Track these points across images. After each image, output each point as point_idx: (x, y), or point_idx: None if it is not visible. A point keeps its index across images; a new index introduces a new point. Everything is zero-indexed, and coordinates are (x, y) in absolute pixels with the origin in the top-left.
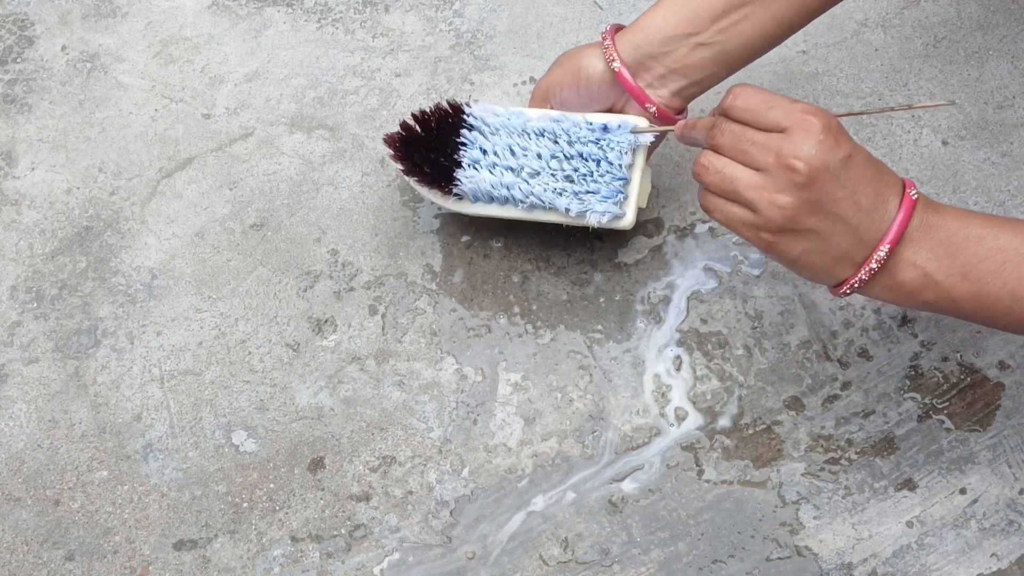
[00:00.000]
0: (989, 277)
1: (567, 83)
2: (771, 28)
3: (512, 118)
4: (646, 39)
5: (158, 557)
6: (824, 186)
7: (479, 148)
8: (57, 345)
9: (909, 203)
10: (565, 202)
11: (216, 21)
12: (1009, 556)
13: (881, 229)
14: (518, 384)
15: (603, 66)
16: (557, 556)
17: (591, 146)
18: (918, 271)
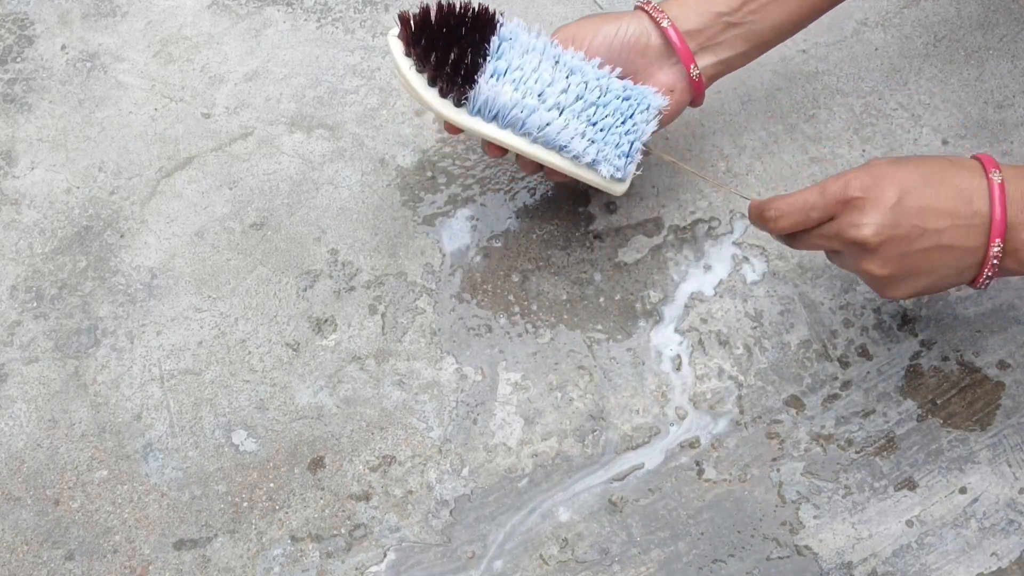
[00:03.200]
0: None
1: (599, 36)
2: (799, 11)
3: (547, 46)
4: (681, 15)
5: (158, 557)
6: (896, 238)
7: (506, 61)
8: (57, 344)
9: (997, 191)
10: (581, 145)
11: (216, 20)
12: (1009, 555)
13: (982, 232)
14: (518, 384)
15: (642, 28)
16: (557, 556)
17: (620, 101)
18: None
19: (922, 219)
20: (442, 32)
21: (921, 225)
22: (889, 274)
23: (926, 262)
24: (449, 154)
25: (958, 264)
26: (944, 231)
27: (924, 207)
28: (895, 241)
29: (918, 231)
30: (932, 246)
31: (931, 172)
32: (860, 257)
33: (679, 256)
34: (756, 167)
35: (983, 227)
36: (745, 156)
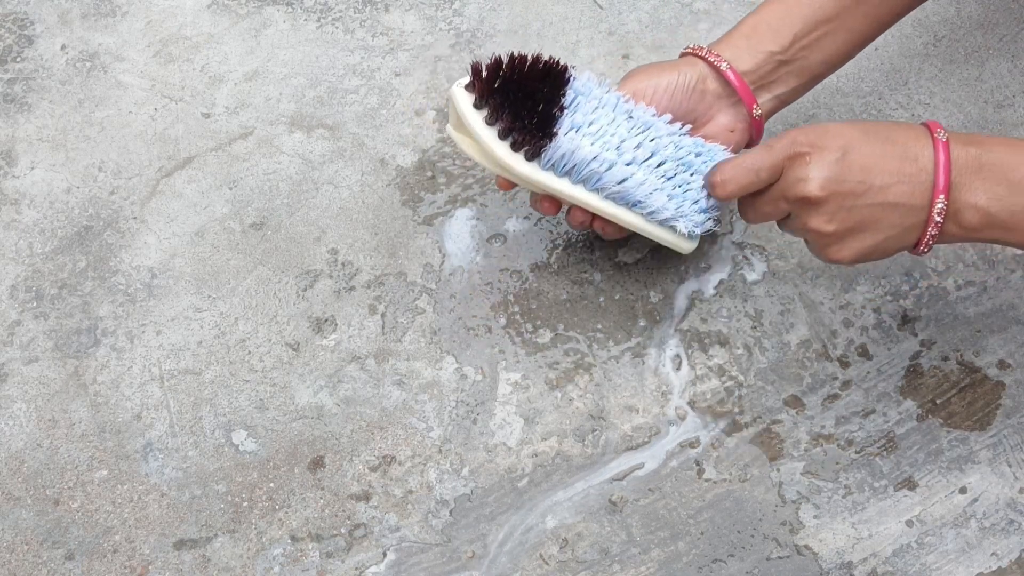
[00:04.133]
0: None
1: (661, 80)
2: (848, 43)
3: (618, 100)
4: (735, 56)
5: (158, 556)
6: (841, 193)
7: (582, 115)
8: (57, 344)
9: (942, 147)
10: (660, 201)
11: (216, 20)
12: (1009, 555)
13: (926, 187)
14: (518, 383)
15: (700, 73)
16: (557, 555)
17: (694, 156)
18: (980, 213)
19: (867, 175)
20: (517, 84)
21: (866, 181)
22: (834, 231)
23: (871, 218)
24: (449, 154)
25: (902, 222)
26: (890, 187)
27: (869, 164)
28: (840, 196)
29: (863, 186)
30: (877, 202)
31: (876, 130)
32: (806, 214)
33: (679, 256)
34: None
35: (928, 185)
36: None
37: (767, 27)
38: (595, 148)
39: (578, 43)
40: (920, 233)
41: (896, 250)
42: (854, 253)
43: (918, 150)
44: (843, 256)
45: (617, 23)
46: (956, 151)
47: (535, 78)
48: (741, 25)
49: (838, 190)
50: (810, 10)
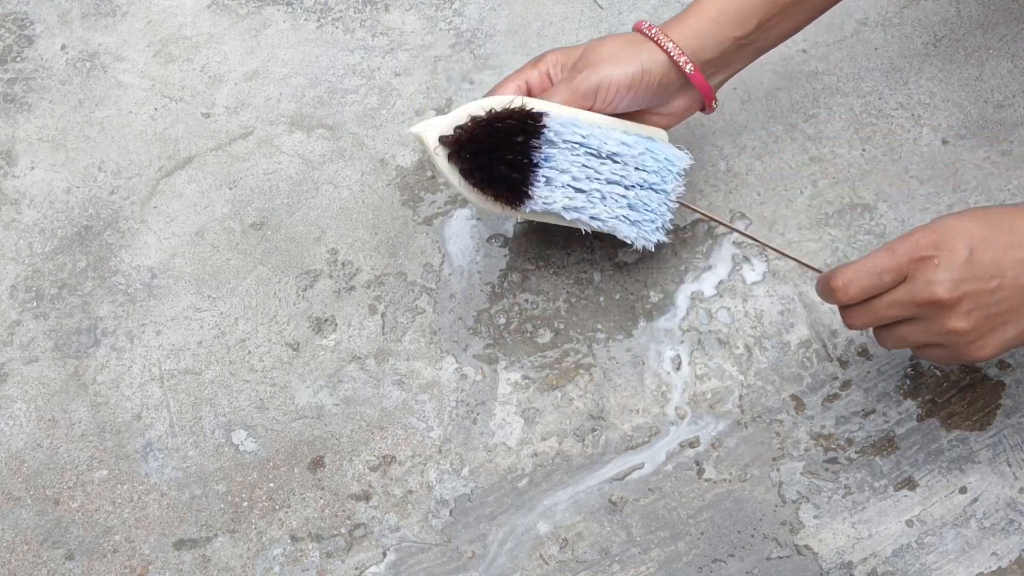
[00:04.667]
0: None
1: (624, 83)
2: (806, 19)
3: (590, 136)
4: (699, 46)
5: (158, 556)
6: (975, 292)
7: (554, 166)
8: (57, 344)
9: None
10: (627, 231)
11: (216, 20)
12: (1009, 555)
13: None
14: (518, 383)
15: (665, 68)
16: (557, 556)
17: (653, 175)
18: None
19: (998, 269)
20: (486, 142)
21: (997, 275)
22: (973, 327)
23: (1009, 309)
24: None
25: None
26: (1021, 276)
27: (997, 256)
28: (973, 295)
29: (995, 280)
30: (1012, 293)
31: (999, 220)
32: (938, 318)
33: (679, 256)
34: (756, 167)
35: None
36: (745, 156)
37: (735, 12)
38: (569, 200)
39: (578, 43)
40: None
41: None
42: (997, 346)
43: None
44: (986, 353)
45: (617, 23)
46: None
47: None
48: (707, 5)
49: (971, 290)
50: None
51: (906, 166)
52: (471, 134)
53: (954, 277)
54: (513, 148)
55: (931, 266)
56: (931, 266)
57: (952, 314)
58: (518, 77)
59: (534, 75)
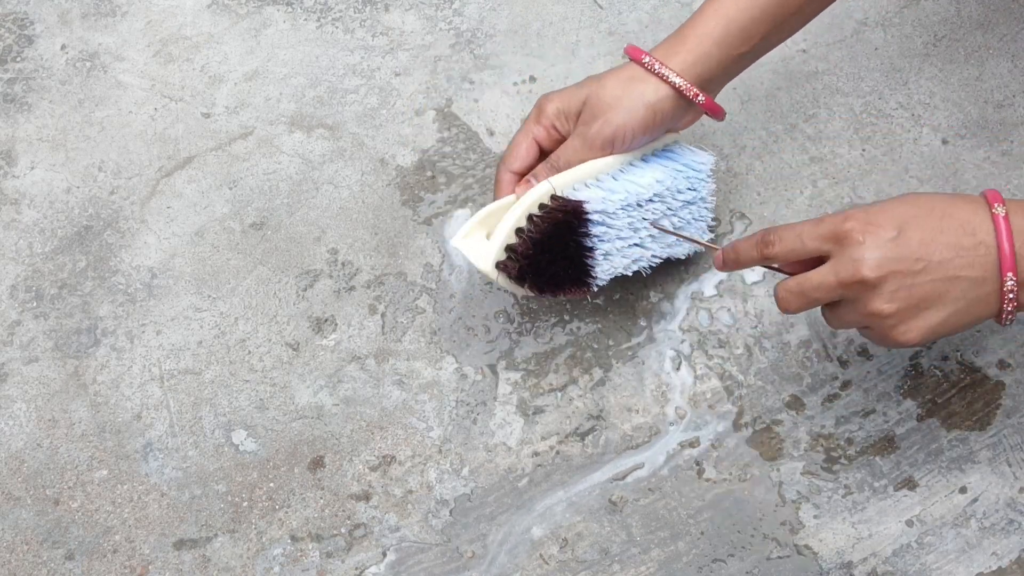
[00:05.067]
0: None
1: (639, 127)
2: (800, 27)
3: (628, 196)
4: (705, 68)
5: (158, 556)
6: (900, 272)
7: (607, 242)
8: (57, 344)
9: (1002, 221)
10: (681, 251)
11: (216, 20)
12: (1009, 555)
13: (991, 263)
14: (518, 383)
15: (674, 101)
16: (557, 555)
17: (689, 192)
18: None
19: (925, 250)
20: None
21: (924, 257)
22: (897, 310)
23: (934, 293)
24: (449, 154)
25: (969, 295)
26: (949, 261)
27: (925, 239)
28: (898, 275)
29: (921, 263)
30: (938, 277)
31: (931, 205)
32: (863, 298)
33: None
34: (756, 167)
35: (991, 259)
36: (745, 156)
37: (738, 31)
38: (625, 258)
39: (578, 43)
40: (997, 308)
41: (970, 323)
42: (922, 332)
43: (976, 224)
44: (911, 338)
45: (617, 23)
46: (1017, 222)
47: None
48: (709, 25)
49: (895, 269)
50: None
51: (906, 166)
52: (530, 260)
53: (879, 256)
54: (568, 251)
55: (856, 243)
56: (856, 243)
57: (876, 295)
58: (526, 139)
59: (540, 131)
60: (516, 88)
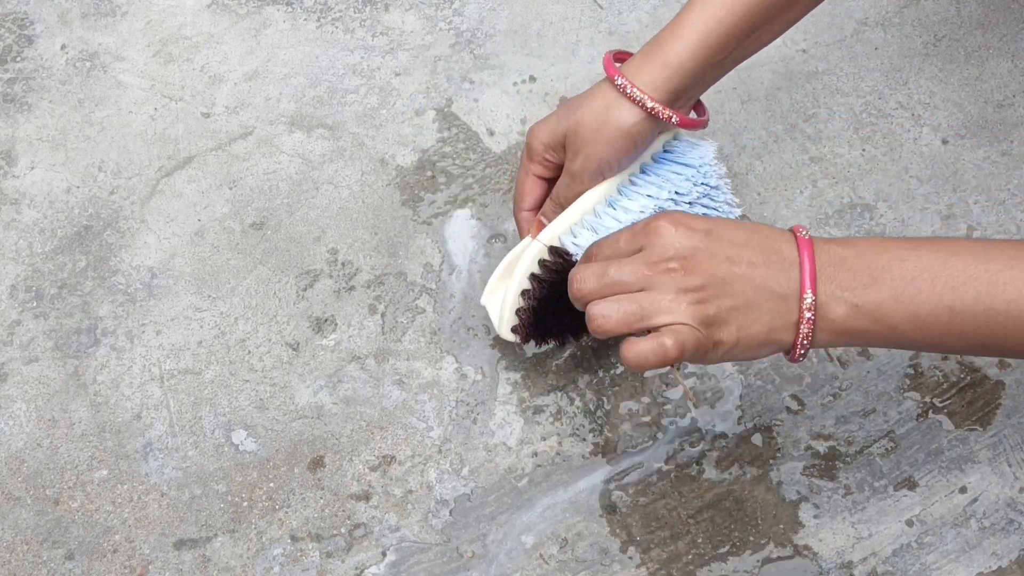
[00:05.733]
0: (922, 296)
1: (622, 154)
2: (780, 32)
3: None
4: (681, 81)
5: (158, 556)
6: (706, 264)
7: None
8: (57, 344)
9: (806, 243)
10: None
11: (216, 20)
12: (1009, 555)
13: (793, 277)
14: (518, 383)
15: (648, 123)
16: (557, 555)
17: (697, 189)
18: (847, 305)
19: (735, 249)
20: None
21: (734, 255)
22: (701, 308)
23: (738, 298)
24: (449, 154)
25: (772, 309)
26: (758, 265)
27: (736, 240)
28: (701, 265)
29: (728, 261)
30: (741, 278)
31: (742, 223)
32: (667, 290)
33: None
34: (756, 167)
35: (794, 277)
36: (745, 156)
37: (715, 40)
38: None
39: (578, 43)
40: (794, 333)
41: (768, 345)
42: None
43: (782, 244)
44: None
45: (617, 23)
46: (819, 247)
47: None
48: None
49: (705, 250)
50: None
51: (906, 166)
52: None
53: (690, 240)
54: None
55: (669, 233)
56: (669, 233)
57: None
58: (527, 177)
59: (536, 168)
60: (516, 88)
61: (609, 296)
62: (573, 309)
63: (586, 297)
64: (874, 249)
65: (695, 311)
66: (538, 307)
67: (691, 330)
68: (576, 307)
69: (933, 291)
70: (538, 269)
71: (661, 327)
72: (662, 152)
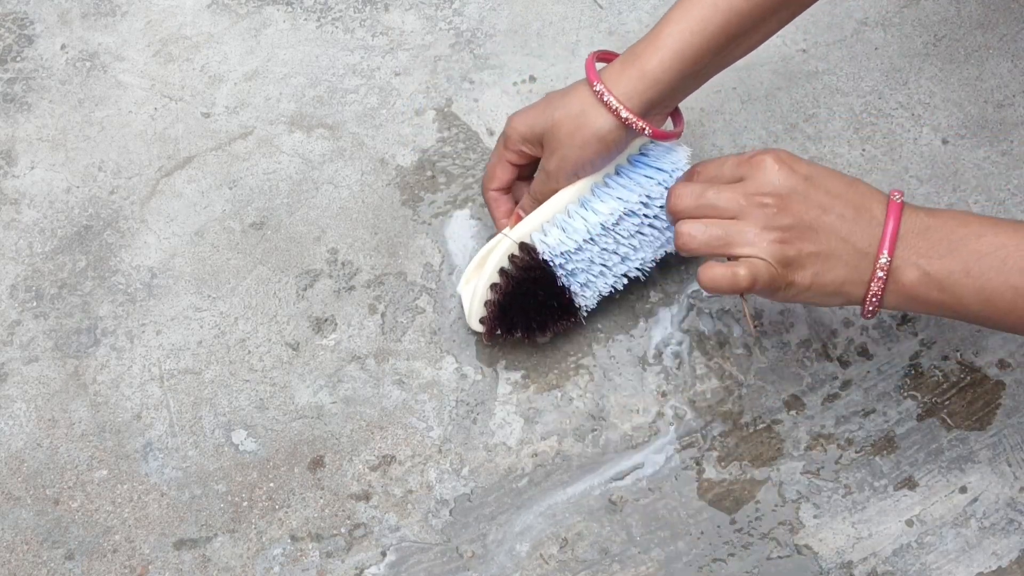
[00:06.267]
0: (991, 273)
1: (595, 158)
2: (758, 44)
3: (590, 227)
4: (656, 92)
5: (158, 556)
6: (798, 207)
7: (582, 272)
8: (57, 344)
9: (895, 206)
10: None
11: (216, 20)
12: (1009, 555)
13: (876, 236)
14: (518, 383)
15: (622, 131)
16: (557, 555)
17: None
18: (919, 272)
19: (829, 199)
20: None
21: (824, 202)
22: (785, 244)
23: (820, 244)
24: (449, 154)
25: (849, 262)
26: (846, 219)
27: (832, 190)
28: (795, 206)
29: (820, 208)
30: (828, 227)
31: (843, 176)
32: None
33: (679, 256)
34: None
35: (876, 232)
36: None
37: (692, 52)
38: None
39: (578, 43)
40: (865, 289)
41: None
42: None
43: (874, 203)
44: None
45: (617, 23)
46: (907, 213)
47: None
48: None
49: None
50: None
51: (906, 166)
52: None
53: (788, 186)
54: (538, 299)
55: (771, 170)
56: (771, 170)
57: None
58: (499, 161)
59: (511, 155)
60: (516, 88)
61: (701, 217)
62: (538, 305)
63: (680, 213)
64: (956, 221)
65: (776, 249)
66: (504, 301)
67: (767, 266)
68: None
69: (1003, 269)
70: (507, 264)
71: (741, 257)
72: (638, 155)
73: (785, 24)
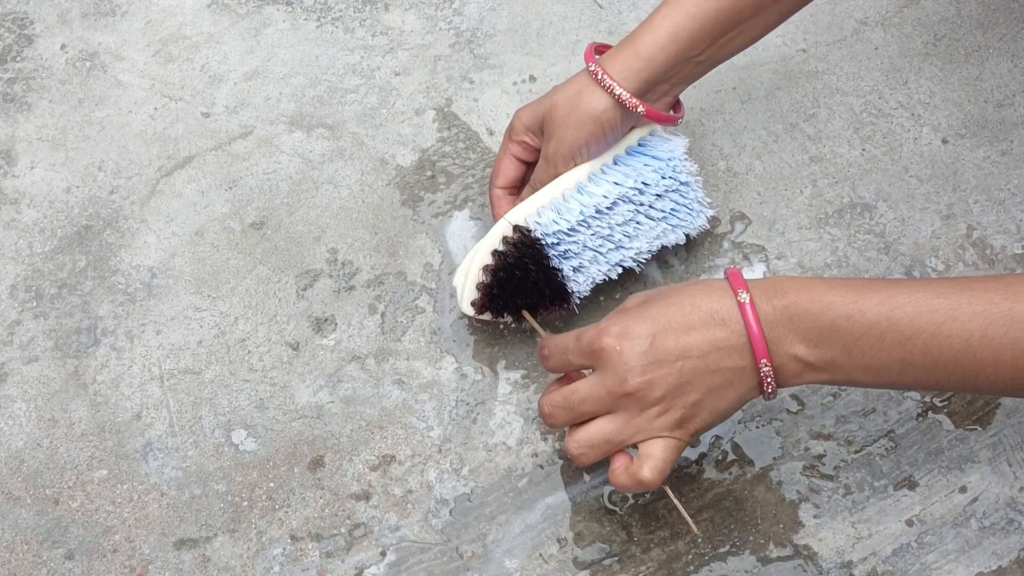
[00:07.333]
0: (871, 352)
1: (591, 140)
2: (759, 35)
3: (584, 210)
4: (651, 72)
5: (158, 556)
6: (659, 373)
7: (574, 255)
8: (57, 344)
9: (747, 310)
10: (674, 237)
11: (216, 20)
12: (1009, 555)
13: (744, 347)
14: (518, 383)
15: (617, 111)
16: (557, 555)
17: (664, 182)
18: (802, 364)
19: (682, 339)
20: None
21: (683, 348)
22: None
23: (699, 386)
24: (449, 154)
25: (734, 380)
26: (708, 352)
27: (679, 327)
28: (656, 378)
29: (682, 355)
30: (696, 371)
31: (679, 301)
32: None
33: (679, 256)
34: (756, 167)
35: (744, 343)
36: (745, 155)
37: (687, 35)
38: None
39: (578, 43)
40: (759, 391)
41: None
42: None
43: (724, 314)
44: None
45: (617, 23)
46: (763, 308)
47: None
48: (656, 31)
49: (655, 375)
50: (728, 13)
51: (906, 165)
52: (493, 298)
53: (638, 365)
54: (530, 278)
55: (616, 355)
56: (616, 355)
57: (645, 403)
58: (505, 156)
59: (516, 148)
60: (516, 88)
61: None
62: (529, 287)
63: (559, 427)
64: (817, 306)
65: (663, 421)
66: (496, 281)
67: (665, 441)
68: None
69: (882, 347)
70: (501, 245)
71: (638, 443)
72: (636, 146)
73: (786, 16)
